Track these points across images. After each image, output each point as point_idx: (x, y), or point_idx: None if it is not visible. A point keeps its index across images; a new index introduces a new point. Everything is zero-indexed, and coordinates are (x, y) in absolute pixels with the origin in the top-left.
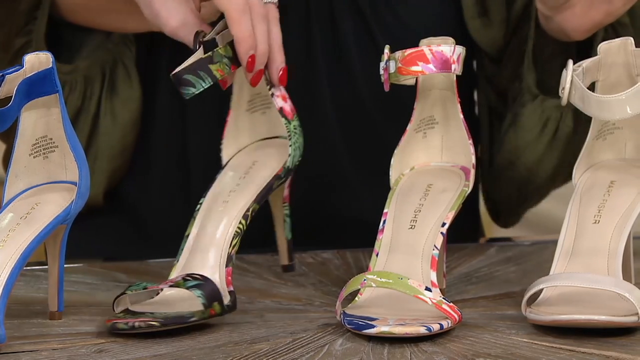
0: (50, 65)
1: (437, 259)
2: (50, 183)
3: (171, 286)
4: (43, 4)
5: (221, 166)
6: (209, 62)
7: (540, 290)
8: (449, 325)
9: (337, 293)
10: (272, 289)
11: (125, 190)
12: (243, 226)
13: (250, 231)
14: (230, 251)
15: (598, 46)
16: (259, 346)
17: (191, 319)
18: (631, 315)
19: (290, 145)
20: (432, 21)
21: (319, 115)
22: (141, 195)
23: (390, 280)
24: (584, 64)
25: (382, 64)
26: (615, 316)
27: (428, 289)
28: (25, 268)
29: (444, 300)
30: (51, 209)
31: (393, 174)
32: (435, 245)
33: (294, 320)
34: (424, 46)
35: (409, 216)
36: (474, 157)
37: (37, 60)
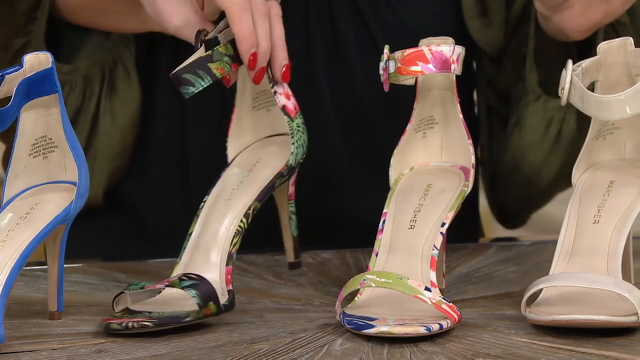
0: (50, 65)
1: (437, 259)
2: (49, 183)
3: (167, 286)
4: (43, 4)
5: (224, 164)
6: (208, 61)
7: (540, 290)
8: (449, 325)
9: (337, 293)
10: (272, 289)
11: (125, 190)
12: (244, 224)
13: (252, 230)
14: (230, 250)
15: (598, 46)
16: (258, 346)
17: (186, 319)
18: (631, 315)
19: (293, 143)
20: (432, 21)
21: (318, 115)
22: (141, 195)
23: (390, 280)
24: (584, 64)
25: (382, 64)
26: (614, 316)
27: (428, 289)
28: (24, 268)
29: (444, 300)
30: (51, 209)
31: (392, 174)
32: (434, 245)
33: (293, 320)
34: (424, 46)
35: (409, 216)
36: (473, 157)
37: (37, 60)
